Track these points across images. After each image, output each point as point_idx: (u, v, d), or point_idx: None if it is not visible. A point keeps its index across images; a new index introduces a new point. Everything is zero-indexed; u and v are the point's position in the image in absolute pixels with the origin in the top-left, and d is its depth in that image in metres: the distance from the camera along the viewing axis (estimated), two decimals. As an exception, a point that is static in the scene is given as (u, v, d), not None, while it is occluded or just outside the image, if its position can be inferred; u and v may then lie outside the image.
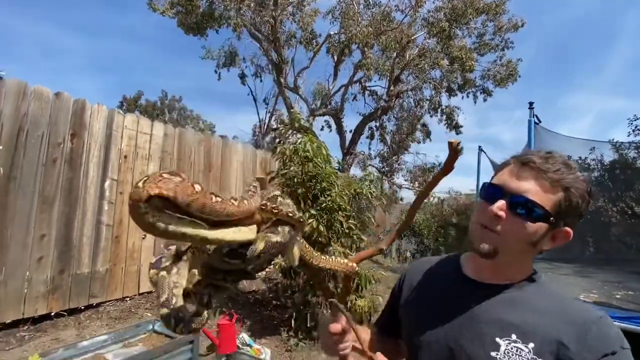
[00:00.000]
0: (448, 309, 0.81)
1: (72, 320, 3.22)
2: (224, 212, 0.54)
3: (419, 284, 0.94)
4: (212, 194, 0.52)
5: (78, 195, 3.35)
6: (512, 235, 0.73)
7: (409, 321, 0.90)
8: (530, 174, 0.73)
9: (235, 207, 0.57)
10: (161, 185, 0.44)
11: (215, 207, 0.51)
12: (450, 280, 0.87)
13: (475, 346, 0.72)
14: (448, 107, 13.20)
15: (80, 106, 3.39)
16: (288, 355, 3.39)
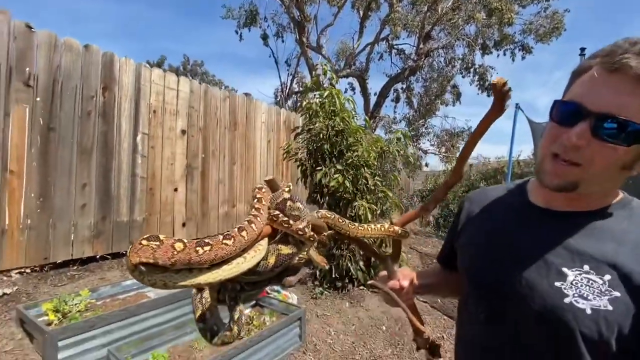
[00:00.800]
0: (509, 239, 0.73)
1: (116, 263, 3.49)
2: (217, 258, 0.55)
3: (478, 214, 0.86)
4: (199, 246, 0.53)
5: (113, 148, 3.48)
6: (598, 166, 0.60)
7: (466, 252, 0.85)
8: (622, 84, 0.56)
9: (229, 248, 0.56)
10: (140, 254, 0.48)
11: (203, 258, 0.53)
12: (513, 209, 0.79)
13: (537, 276, 0.65)
14: (481, 67, 12.32)
15: (109, 59, 3.42)
16: (314, 302, 3.55)
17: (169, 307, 2.74)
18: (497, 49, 11.84)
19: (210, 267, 0.56)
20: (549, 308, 0.62)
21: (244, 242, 0.59)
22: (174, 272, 0.53)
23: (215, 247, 0.54)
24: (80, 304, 2.62)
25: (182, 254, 0.51)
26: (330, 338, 2.98)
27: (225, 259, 0.57)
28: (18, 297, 2.75)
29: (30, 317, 2.35)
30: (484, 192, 0.92)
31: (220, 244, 0.55)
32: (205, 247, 0.53)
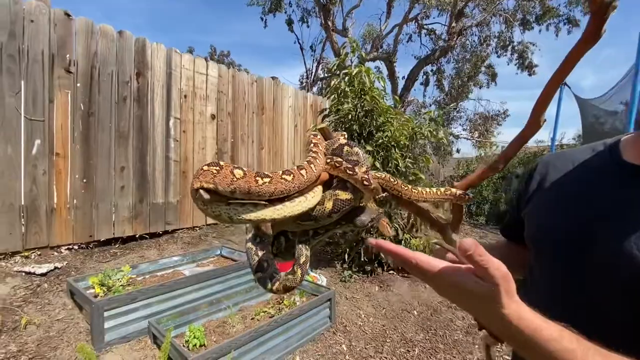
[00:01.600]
0: (595, 200, 0.65)
1: (153, 242, 3.66)
2: (276, 192, 0.53)
3: (555, 178, 0.77)
4: (259, 176, 0.51)
5: (148, 133, 3.60)
6: None
7: (536, 218, 0.76)
8: None
9: (289, 184, 0.54)
10: (201, 178, 0.48)
11: (263, 190, 0.51)
12: (602, 170, 0.69)
13: (626, 242, 0.57)
14: (521, 44, 11.49)
15: (141, 45, 3.50)
16: (342, 285, 3.54)
17: (202, 284, 2.83)
18: (539, 23, 10.97)
19: (271, 201, 0.55)
20: (635, 278, 0.54)
21: (303, 181, 0.57)
22: (238, 206, 0.52)
23: (274, 180, 0.52)
24: (122, 278, 2.77)
25: (241, 182, 0.49)
26: (360, 320, 2.96)
27: (285, 195, 0.55)
28: (68, 271, 2.96)
29: (79, 289, 2.52)
30: (563, 154, 0.82)
31: (280, 179, 0.53)
32: (265, 179, 0.51)
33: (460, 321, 3.09)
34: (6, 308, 2.39)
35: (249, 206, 0.53)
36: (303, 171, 0.58)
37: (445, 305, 3.37)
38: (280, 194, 0.54)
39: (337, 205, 0.62)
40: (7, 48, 2.66)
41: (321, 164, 0.64)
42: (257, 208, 0.53)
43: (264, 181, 0.51)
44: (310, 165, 0.60)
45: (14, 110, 2.72)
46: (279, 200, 0.56)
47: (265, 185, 0.51)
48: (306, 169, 0.59)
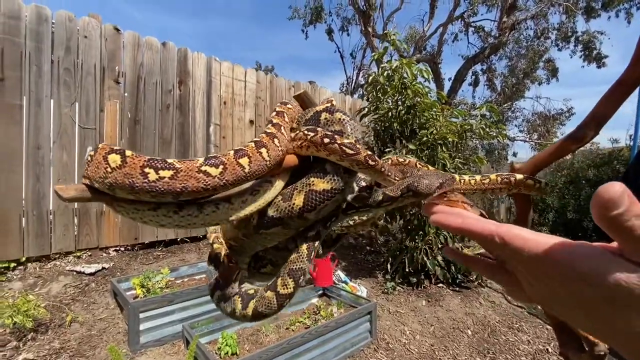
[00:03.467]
0: None
1: (194, 246, 3.71)
2: (186, 191, 0.37)
3: None
4: (157, 167, 0.36)
5: (189, 138, 3.70)
6: None
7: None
8: None
9: (213, 180, 0.38)
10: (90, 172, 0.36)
11: (159, 187, 0.36)
12: None
13: None
14: (586, 34, 10.29)
15: (183, 54, 3.63)
16: (385, 297, 3.24)
17: (237, 289, 2.75)
18: (607, 10, 9.76)
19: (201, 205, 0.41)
20: None
21: (240, 175, 0.39)
22: (150, 209, 0.38)
23: (185, 173, 0.37)
24: (161, 280, 2.79)
25: (118, 174, 0.35)
26: (404, 337, 2.65)
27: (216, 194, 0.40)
28: (114, 271, 3.07)
29: (120, 289, 2.57)
30: None
31: (197, 172, 0.37)
32: (166, 171, 0.36)
33: (525, 345, 2.63)
34: (56, 305, 2.50)
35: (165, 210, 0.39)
36: (263, 149, 0.41)
37: (505, 325, 2.91)
38: (232, 187, 0.39)
39: (310, 200, 0.43)
40: (64, 62, 2.88)
41: (283, 142, 0.45)
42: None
43: (216, 171, 0.36)
44: (261, 148, 0.41)
45: (69, 120, 2.93)
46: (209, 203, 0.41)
47: (216, 178, 0.36)
48: (251, 154, 0.40)
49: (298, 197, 0.43)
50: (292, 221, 0.44)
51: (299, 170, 0.48)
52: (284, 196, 0.45)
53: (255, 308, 0.47)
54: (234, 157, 0.39)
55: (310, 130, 0.46)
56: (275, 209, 0.44)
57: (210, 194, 0.38)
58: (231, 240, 0.53)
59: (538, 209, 7.74)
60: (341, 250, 4.13)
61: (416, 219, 3.43)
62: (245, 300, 0.48)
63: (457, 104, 10.73)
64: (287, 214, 0.43)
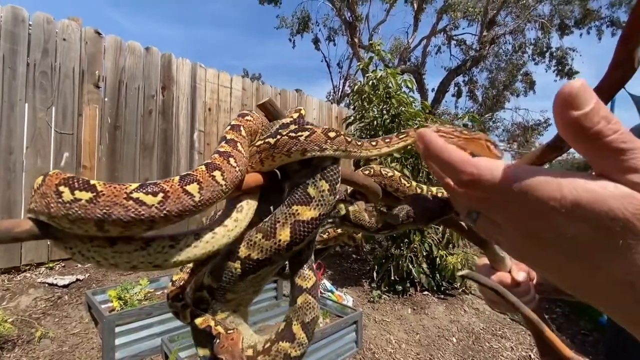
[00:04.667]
0: None
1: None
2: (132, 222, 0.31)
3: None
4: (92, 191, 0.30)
5: (172, 145, 3.62)
6: None
7: None
8: None
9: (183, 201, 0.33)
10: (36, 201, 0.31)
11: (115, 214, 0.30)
12: None
13: None
14: (560, 50, 10.81)
15: (167, 60, 3.58)
16: (371, 306, 3.22)
17: (220, 300, 2.67)
18: (579, 27, 10.31)
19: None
20: None
21: (206, 198, 0.35)
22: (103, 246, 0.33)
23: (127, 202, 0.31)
24: (139, 292, 2.68)
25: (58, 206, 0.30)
26: (390, 347, 2.63)
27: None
28: (89, 283, 2.93)
29: (95, 302, 2.45)
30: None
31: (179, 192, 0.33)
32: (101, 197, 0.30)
33: (508, 352, 2.66)
34: (24, 320, 2.36)
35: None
36: (217, 172, 0.36)
37: (489, 332, 2.94)
38: (179, 220, 0.33)
39: (298, 232, 0.39)
40: (41, 65, 2.78)
41: (241, 161, 0.40)
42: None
43: (153, 200, 0.30)
44: (214, 171, 0.36)
45: (45, 124, 2.82)
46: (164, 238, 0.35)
47: (153, 207, 0.31)
48: (201, 178, 0.35)
49: (283, 231, 0.39)
50: (281, 257, 0.41)
51: (267, 189, 0.44)
52: (265, 233, 0.40)
53: None
54: (179, 184, 0.33)
55: (269, 137, 0.42)
56: (259, 251, 0.39)
57: (147, 227, 0.32)
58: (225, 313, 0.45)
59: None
60: (328, 259, 4.10)
61: (401, 226, 3.45)
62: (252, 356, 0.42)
63: (440, 114, 11.00)
64: (275, 252, 0.39)
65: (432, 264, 3.48)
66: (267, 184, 0.43)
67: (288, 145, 0.39)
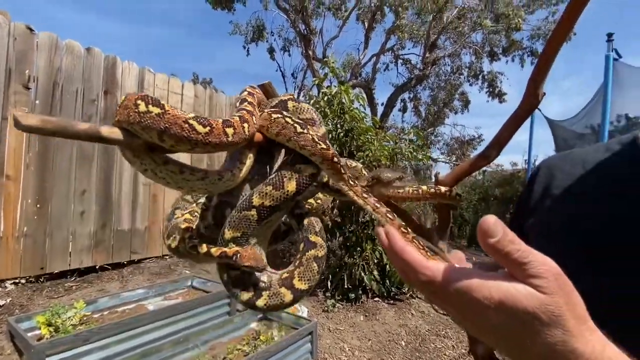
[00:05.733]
0: (624, 203, 0.54)
1: (116, 274, 3.31)
2: (210, 146, 0.44)
3: (564, 183, 0.65)
4: (194, 121, 0.42)
5: (114, 154, 3.37)
6: None
7: (558, 235, 0.63)
8: None
9: (226, 139, 0.45)
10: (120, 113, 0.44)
11: (194, 137, 0.43)
12: (624, 168, 0.59)
13: None
14: (490, 74, 12.17)
15: (111, 62, 3.35)
16: (325, 315, 3.29)
17: (168, 320, 2.53)
18: (506, 55, 11.71)
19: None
20: None
21: (242, 138, 0.46)
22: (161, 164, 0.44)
23: (215, 131, 0.43)
24: (74, 317, 2.43)
25: (167, 120, 0.40)
26: (344, 355, 2.71)
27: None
28: (11, 309, 2.58)
29: (19, 330, 2.16)
30: (569, 156, 0.70)
31: (222, 131, 0.43)
32: (204, 127, 0.42)
33: (450, 350, 2.89)
34: None
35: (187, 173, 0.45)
36: (246, 124, 0.47)
37: (433, 333, 3.17)
38: (212, 150, 0.44)
39: (301, 185, 0.49)
40: (-45, 60, 2.44)
41: (257, 120, 0.51)
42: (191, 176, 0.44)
43: (202, 129, 0.41)
44: (245, 121, 0.47)
45: (-42, 128, 2.46)
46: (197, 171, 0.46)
47: (200, 135, 0.41)
48: (248, 121, 0.47)
49: (290, 184, 0.48)
50: (286, 205, 0.50)
51: (264, 147, 0.54)
52: (274, 186, 0.48)
53: (267, 302, 0.49)
54: (222, 125, 0.43)
55: (275, 112, 0.51)
56: (270, 199, 0.47)
57: (190, 147, 0.41)
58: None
59: (457, 224, 8.69)
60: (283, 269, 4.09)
61: (355, 235, 3.59)
62: (257, 292, 0.49)
63: (388, 127, 11.65)
64: (283, 200, 0.48)
65: (382, 271, 3.66)
66: (264, 145, 0.53)
67: (306, 140, 0.49)
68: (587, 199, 0.61)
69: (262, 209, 0.47)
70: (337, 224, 3.76)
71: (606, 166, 0.63)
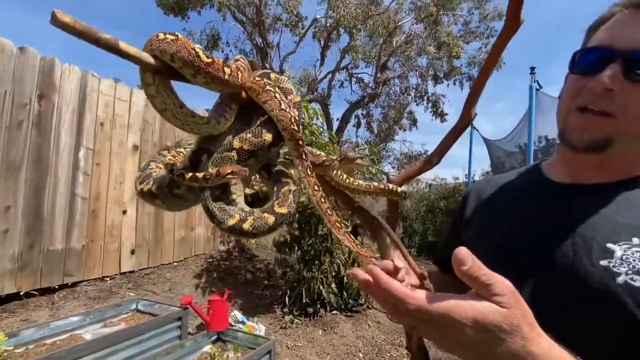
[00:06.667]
0: (533, 225, 0.64)
1: (45, 300, 2.92)
2: (207, 80, 0.51)
3: (488, 203, 0.77)
4: (203, 53, 0.49)
5: (48, 164, 3.02)
6: (633, 115, 0.53)
7: (481, 246, 0.71)
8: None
9: (224, 78, 0.51)
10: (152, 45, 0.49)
11: (201, 66, 0.49)
12: (531, 192, 0.70)
13: (577, 258, 0.55)
14: (434, 95, 13.25)
15: (48, 65, 3.04)
16: (283, 332, 3.22)
17: (109, 350, 2.28)
18: (447, 79, 12.87)
19: None
20: (599, 293, 0.51)
21: (236, 84, 0.53)
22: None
23: (216, 66, 0.49)
24: (-9, 353, 2.08)
25: (178, 46, 0.47)
26: (303, 371, 2.67)
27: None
28: None
29: None
30: (492, 180, 0.84)
31: (221, 68, 0.50)
32: (208, 59, 0.49)
33: (405, 358, 3.00)
34: None
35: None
36: (240, 73, 0.53)
37: (389, 342, 3.27)
38: (209, 82, 0.49)
39: (277, 137, 0.55)
40: None
41: (246, 77, 0.57)
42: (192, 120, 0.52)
43: (206, 59, 0.48)
44: (239, 70, 0.53)
45: None
46: None
47: (203, 63, 0.47)
48: (242, 72, 0.53)
49: (267, 135, 0.54)
50: (262, 154, 0.55)
51: (246, 108, 0.59)
52: (254, 134, 0.54)
53: (253, 224, 0.51)
54: (222, 64, 0.50)
55: (262, 76, 0.58)
56: (249, 144, 0.53)
57: (193, 72, 0.48)
58: None
59: (407, 234, 9.15)
60: (238, 287, 3.94)
61: (313, 249, 3.61)
62: (242, 218, 0.52)
63: (344, 142, 12.02)
64: (259, 147, 0.54)
65: (340, 283, 3.71)
66: (246, 105, 0.59)
67: (274, 108, 0.55)
68: (496, 216, 0.73)
69: (241, 151, 0.53)
70: (295, 238, 3.75)
71: (513, 187, 0.76)
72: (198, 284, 3.82)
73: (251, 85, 0.57)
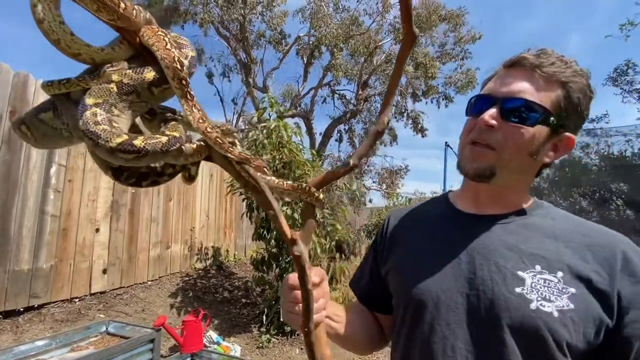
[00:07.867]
0: (449, 252, 0.69)
1: (9, 323, 2.78)
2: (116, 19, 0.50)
3: (403, 233, 0.81)
4: None
5: (17, 181, 2.93)
6: (509, 146, 0.63)
7: (401, 276, 0.76)
8: (521, 73, 0.66)
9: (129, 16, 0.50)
10: None
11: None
12: (443, 221, 0.76)
13: (495, 285, 0.61)
14: (413, 112, 13.70)
15: (22, 80, 2.99)
16: (259, 352, 3.18)
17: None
18: (425, 97, 13.37)
19: None
20: (517, 318, 0.58)
21: (133, 23, 0.51)
22: None
23: None
24: (-57, 384, 1.96)
25: None
26: (279, 392, 2.65)
27: None
28: None
29: None
30: (404, 210, 0.88)
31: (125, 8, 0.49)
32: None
33: (381, 375, 3.02)
34: None
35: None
36: (135, 12, 0.51)
37: (364, 357, 3.28)
38: (102, 10, 0.47)
39: (157, 78, 0.52)
40: None
41: (141, 18, 0.53)
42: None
43: None
44: (135, 10, 0.51)
45: None
46: None
47: None
48: (137, 13, 0.51)
49: (149, 73, 0.52)
50: (143, 93, 0.53)
51: (138, 52, 0.56)
52: (135, 71, 0.52)
53: (145, 141, 0.45)
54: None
55: (158, 27, 0.56)
56: (129, 79, 0.51)
57: (111, 17, 0.48)
58: None
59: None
60: (215, 306, 3.87)
61: (291, 266, 3.61)
62: (131, 136, 0.46)
63: (326, 156, 12.16)
64: (139, 83, 0.51)
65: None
66: (138, 49, 0.55)
67: (160, 48, 0.52)
68: (412, 245, 0.78)
69: (121, 84, 0.51)
70: (273, 255, 3.75)
71: (424, 212, 0.84)
72: (173, 303, 3.73)
73: (145, 30, 0.54)
